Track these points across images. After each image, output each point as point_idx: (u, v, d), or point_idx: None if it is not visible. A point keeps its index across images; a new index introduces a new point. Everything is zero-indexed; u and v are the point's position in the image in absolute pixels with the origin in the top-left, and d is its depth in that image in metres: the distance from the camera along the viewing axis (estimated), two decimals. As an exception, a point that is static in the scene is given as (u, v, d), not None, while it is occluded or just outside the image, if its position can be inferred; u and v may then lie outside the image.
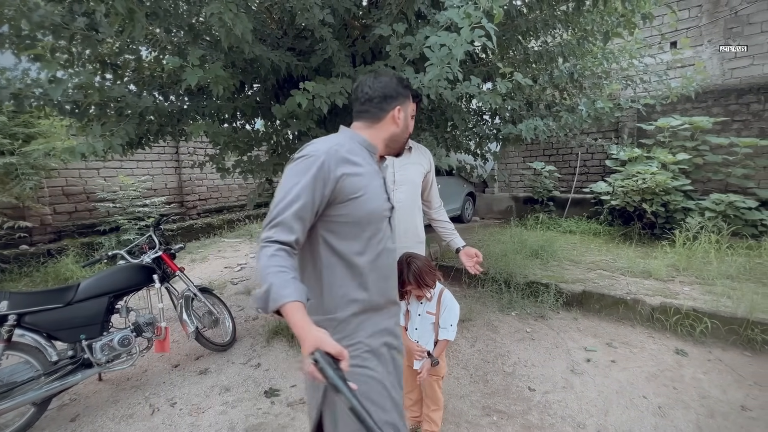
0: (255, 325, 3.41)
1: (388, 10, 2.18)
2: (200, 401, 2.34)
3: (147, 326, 2.50)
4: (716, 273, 3.59)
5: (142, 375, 2.68)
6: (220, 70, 1.83)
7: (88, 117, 2.36)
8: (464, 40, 1.58)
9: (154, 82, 2.71)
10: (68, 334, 2.21)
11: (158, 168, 6.92)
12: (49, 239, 5.29)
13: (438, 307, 1.78)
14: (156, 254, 2.68)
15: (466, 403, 2.22)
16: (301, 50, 2.71)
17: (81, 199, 5.76)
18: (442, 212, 2.06)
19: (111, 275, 2.43)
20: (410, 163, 1.88)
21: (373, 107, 1.17)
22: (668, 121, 5.43)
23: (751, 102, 5.32)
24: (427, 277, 1.68)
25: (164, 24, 1.87)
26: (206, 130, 2.36)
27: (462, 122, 2.69)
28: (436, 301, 1.78)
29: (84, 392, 2.48)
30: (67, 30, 1.71)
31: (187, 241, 6.72)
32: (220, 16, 1.53)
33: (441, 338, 1.78)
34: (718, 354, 2.65)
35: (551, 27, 2.46)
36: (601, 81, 3.27)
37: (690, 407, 2.12)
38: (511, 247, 4.64)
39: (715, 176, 5.23)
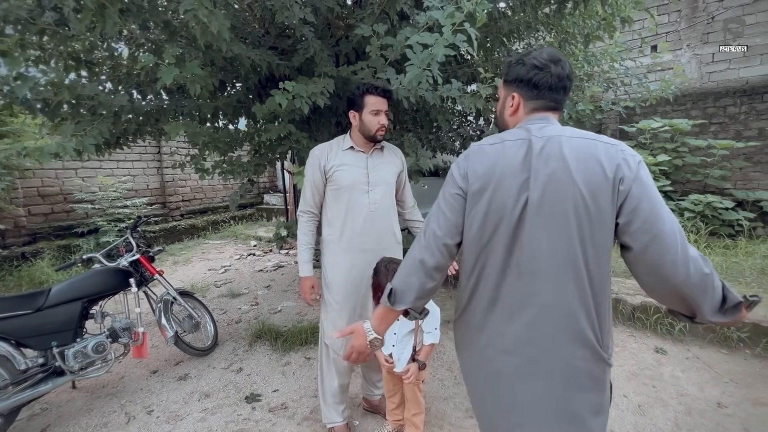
0: (238, 329, 3.35)
1: (370, 9, 2.16)
2: (178, 408, 2.28)
3: (123, 331, 2.42)
4: (694, 272, 3.66)
5: (119, 382, 2.60)
6: (197, 69, 1.78)
7: (61, 116, 2.28)
8: (445, 41, 1.57)
9: (131, 80, 2.63)
10: (38, 341, 2.12)
11: (140, 168, 6.76)
12: (23, 242, 5.11)
13: None
14: (133, 257, 2.60)
15: (449, 405, 2.22)
16: (283, 49, 2.66)
17: (58, 200, 5.58)
18: (416, 212, 2.04)
19: (85, 279, 2.35)
20: (383, 163, 1.85)
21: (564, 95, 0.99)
22: (649, 123, 5.55)
23: (728, 105, 5.47)
24: None
25: (138, 20, 1.82)
26: (185, 130, 2.31)
27: (446, 123, 2.69)
28: None
29: (56, 401, 2.39)
30: (34, 25, 1.64)
31: (170, 242, 6.58)
32: (195, 12, 1.48)
33: (427, 342, 1.75)
34: (696, 352, 2.71)
35: (534, 29, 2.48)
36: (582, 83, 3.31)
37: (669, 405, 2.15)
38: (497, 247, 4.67)
39: (693, 177, 5.36)
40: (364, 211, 1.78)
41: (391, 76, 1.99)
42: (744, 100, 5.37)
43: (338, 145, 1.82)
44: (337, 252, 1.82)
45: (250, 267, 5.29)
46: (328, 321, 1.87)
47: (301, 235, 1.83)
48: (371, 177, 1.79)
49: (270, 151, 2.72)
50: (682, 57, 5.90)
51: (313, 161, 1.81)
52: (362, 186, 1.78)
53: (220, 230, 7.45)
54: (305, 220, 1.84)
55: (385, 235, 1.85)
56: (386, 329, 1.10)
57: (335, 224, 1.81)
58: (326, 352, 1.92)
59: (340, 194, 1.78)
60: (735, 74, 5.55)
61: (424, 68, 1.68)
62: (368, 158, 1.81)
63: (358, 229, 1.79)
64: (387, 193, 1.84)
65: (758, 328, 2.68)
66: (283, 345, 2.93)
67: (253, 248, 6.27)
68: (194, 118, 2.74)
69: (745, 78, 5.48)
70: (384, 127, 1.74)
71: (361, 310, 1.86)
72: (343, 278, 1.82)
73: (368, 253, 1.80)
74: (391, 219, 1.87)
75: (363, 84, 1.73)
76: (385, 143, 1.91)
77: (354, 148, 1.80)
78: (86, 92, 1.91)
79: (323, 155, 1.80)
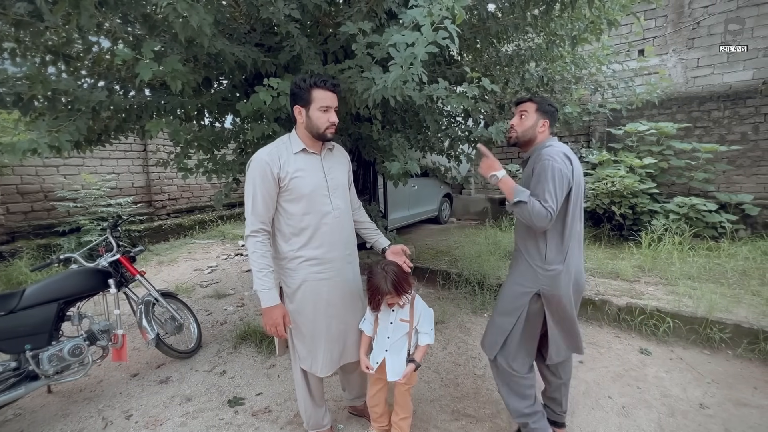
0: (222, 330, 3.29)
1: (358, 7, 2.13)
2: (158, 412, 2.22)
3: (102, 334, 2.36)
4: (678, 273, 3.72)
5: (97, 386, 2.53)
6: (177, 65, 1.73)
7: (37, 111, 2.20)
8: (426, 41, 1.54)
9: (113, 75, 2.56)
10: (11, 344, 2.05)
11: (124, 166, 6.62)
12: (1, 241, 4.95)
13: (411, 313, 1.72)
14: (113, 257, 2.53)
15: (435, 407, 2.20)
16: (269, 46, 2.62)
17: (38, 198, 5.43)
18: (362, 213, 1.93)
19: (61, 280, 2.27)
20: (336, 164, 1.74)
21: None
22: (636, 126, 5.62)
23: (712, 109, 5.58)
24: (404, 282, 1.64)
25: (116, 13, 1.76)
26: (165, 127, 2.25)
27: (434, 123, 2.67)
28: (409, 307, 1.72)
29: (30, 406, 2.31)
30: (5, 15, 1.57)
31: (156, 242, 6.45)
32: (174, 6, 1.44)
33: (423, 343, 1.73)
34: (680, 353, 2.74)
35: (522, 31, 2.47)
36: (570, 86, 3.33)
37: (652, 406, 2.17)
38: (486, 248, 4.68)
39: (678, 180, 5.44)
40: (329, 218, 1.65)
41: (377, 75, 1.96)
42: (727, 105, 5.48)
43: (286, 148, 1.61)
44: (305, 267, 1.65)
45: (237, 267, 5.22)
46: (303, 344, 1.73)
47: (258, 257, 1.54)
48: (329, 180, 1.66)
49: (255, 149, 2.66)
50: (668, 61, 5.99)
51: (262, 169, 1.55)
52: (323, 191, 1.64)
53: (207, 230, 7.34)
54: (260, 240, 1.57)
55: (350, 240, 1.76)
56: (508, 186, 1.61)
57: (297, 238, 1.63)
58: (302, 375, 1.80)
59: (298, 204, 1.60)
60: (719, 79, 5.65)
61: (407, 67, 1.65)
62: (323, 160, 1.67)
63: (326, 238, 1.65)
64: (345, 195, 1.74)
65: (739, 329, 2.72)
66: (269, 347, 2.88)
67: (241, 248, 6.19)
68: (177, 116, 2.68)
69: (728, 83, 5.59)
70: (334, 126, 1.60)
71: (339, 322, 1.74)
72: (315, 294, 1.67)
73: (336, 261, 1.70)
74: (350, 222, 1.78)
75: (309, 76, 1.55)
76: (335, 143, 1.79)
77: (307, 150, 1.63)
78: (61, 87, 1.84)
79: (274, 161, 1.56)
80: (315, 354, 1.73)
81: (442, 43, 1.52)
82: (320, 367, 1.73)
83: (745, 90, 5.38)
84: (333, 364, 1.76)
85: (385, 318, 1.73)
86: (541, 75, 2.77)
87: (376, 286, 1.63)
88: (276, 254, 1.70)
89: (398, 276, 1.62)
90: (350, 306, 1.78)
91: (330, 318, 1.72)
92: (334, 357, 1.76)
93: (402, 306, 1.71)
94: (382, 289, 1.61)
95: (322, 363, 1.73)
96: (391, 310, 1.72)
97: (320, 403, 1.89)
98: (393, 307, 1.70)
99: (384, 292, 1.61)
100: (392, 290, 1.60)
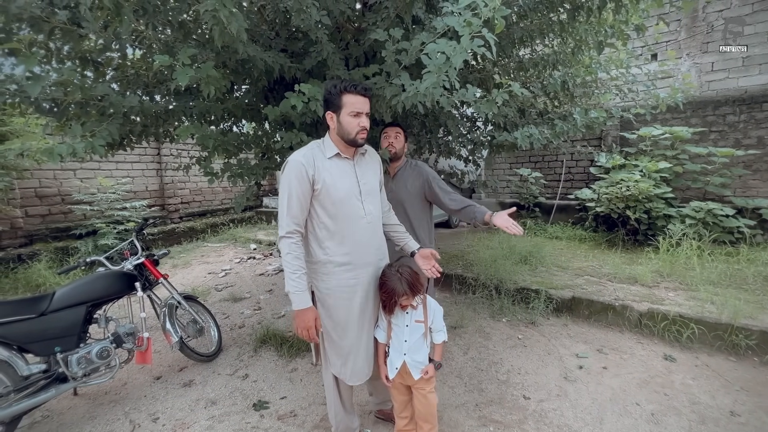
0: (242, 334, 3.30)
1: (385, 13, 2.15)
2: (185, 416, 2.23)
3: (128, 337, 2.37)
4: (699, 279, 3.68)
5: (122, 388, 2.54)
6: (212, 70, 1.76)
7: (67, 116, 2.24)
8: (463, 49, 1.55)
9: (139, 81, 2.60)
10: (42, 346, 2.07)
11: (139, 170, 6.69)
12: (19, 243, 5.02)
13: (425, 312, 1.72)
14: (138, 260, 2.55)
15: (461, 413, 2.19)
16: (293, 52, 2.65)
17: (56, 202, 5.50)
18: (391, 215, 1.91)
19: (89, 283, 2.30)
20: (369, 169, 1.74)
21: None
22: (650, 131, 5.59)
23: (727, 114, 5.54)
24: (418, 283, 1.64)
25: (152, 20, 1.79)
26: (194, 132, 2.27)
27: (456, 128, 2.68)
28: (423, 307, 1.73)
29: (58, 408, 2.33)
30: (48, 23, 1.60)
31: (169, 245, 6.50)
32: (215, 13, 1.46)
33: (439, 341, 1.73)
34: (705, 359, 2.70)
35: (546, 35, 2.48)
36: (591, 90, 3.33)
37: (682, 414, 2.14)
38: (500, 252, 4.66)
39: (694, 184, 5.40)
40: (361, 223, 1.65)
41: (406, 81, 1.97)
42: (743, 109, 5.44)
43: (321, 152, 1.64)
44: (338, 273, 1.64)
45: (250, 271, 5.24)
46: (333, 349, 1.72)
47: (292, 259, 1.54)
48: (362, 185, 1.66)
49: (278, 154, 2.69)
50: (682, 66, 5.97)
51: (298, 170, 1.55)
52: (356, 197, 1.64)
53: (219, 233, 7.38)
54: (295, 241, 1.57)
55: (381, 245, 1.76)
56: None
57: (331, 242, 1.63)
58: (333, 380, 1.79)
59: (333, 208, 1.60)
60: (734, 83, 5.62)
61: (442, 75, 1.65)
62: (355, 165, 1.68)
63: (358, 243, 1.65)
64: (377, 200, 1.74)
65: (766, 336, 2.69)
66: (289, 351, 2.89)
67: (253, 251, 6.21)
68: (202, 121, 2.71)
69: (743, 87, 5.55)
70: (365, 130, 1.60)
71: (370, 329, 1.74)
72: (348, 300, 1.66)
73: (371, 267, 1.70)
74: (381, 228, 1.79)
75: (340, 81, 1.57)
76: (367, 146, 1.78)
77: (340, 155, 1.64)
78: (97, 92, 1.87)
79: (309, 163, 1.57)
80: (345, 360, 1.71)
81: (479, 51, 1.53)
82: (349, 375, 1.71)
83: (762, 94, 5.33)
84: (362, 374, 1.72)
85: (399, 322, 1.72)
86: (564, 80, 2.77)
87: (391, 288, 1.62)
88: (309, 258, 1.70)
89: (412, 276, 1.63)
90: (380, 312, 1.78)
91: (362, 325, 1.70)
92: (364, 365, 1.73)
93: (416, 307, 1.70)
94: (398, 290, 1.60)
95: (351, 371, 1.71)
96: (404, 313, 1.70)
97: (350, 409, 1.89)
98: (407, 309, 1.69)
99: (400, 293, 1.61)
100: (408, 290, 1.60)
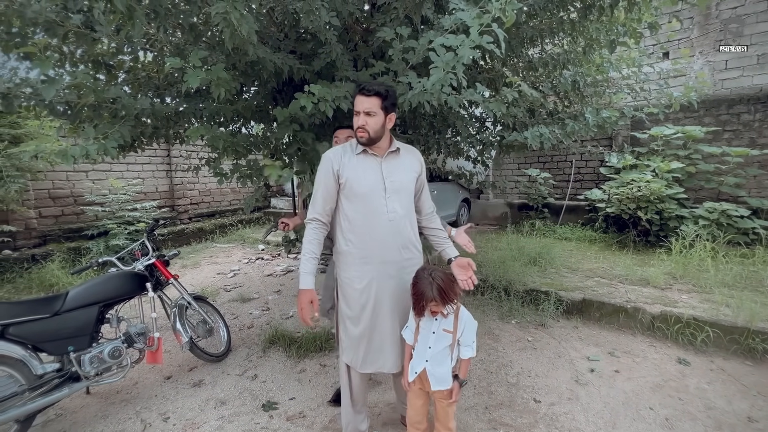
0: (250, 334, 3.31)
1: (395, 14, 2.15)
2: (195, 416, 2.24)
3: (139, 337, 2.39)
4: (714, 281, 3.61)
5: (133, 388, 2.57)
6: (222, 72, 1.77)
7: (80, 118, 2.27)
8: (472, 42, 1.54)
9: (150, 83, 2.63)
10: (55, 346, 2.09)
11: (149, 171, 6.77)
12: (33, 244, 5.11)
13: (456, 324, 1.66)
14: (149, 261, 2.58)
15: (471, 415, 2.17)
16: (302, 53, 2.66)
17: (68, 203, 5.59)
18: (434, 219, 1.90)
19: (102, 283, 2.32)
20: (400, 167, 1.73)
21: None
22: (661, 130, 5.51)
23: (742, 112, 5.43)
24: (451, 291, 1.59)
25: (164, 23, 1.81)
26: (204, 133, 2.29)
27: (465, 129, 2.66)
28: (453, 318, 1.67)
29: (71, 407, 2.36)
30: (62, 27, 1.63)
31: (179, 246, 6.56)
32: (226, 16, 1.47)
33: (465, 357, 1.67)
34: (720, 363, 2.65)
35: (556, 34, 2.45)
36: (602, 89, 3.28)
37: (697, 419, 2.10)
38: (509, 254, 4.63)
39: (707, 185, 5.30)
40: (382, 219, 1.67)
41: (413, 79, 1.97)
42: (758, 107, 5.33)
43: (351, 149, 1.71)
44: (355, 264, 1.70)
45: (259, 271, 5.27)
46: (347, 336, 1.77)
47: (306, 243, 1.67)
48: (387, 183, 1.68)
49: (287, 155, 2.70)
50: (694, 64, 5.87)
51: (325, 165, 1.68)
52: (379, 193, 1.67)
53: (227, 234, 7.44)
54: (313, 227, 1.69)
55: (405, 244, 1.74)
56: None
57: (352, 235, 1.69)
58: (346, 372, 1.83)
59: (355, 202, 1.67)
60: (749, 81, 5.51)
61: (449, 71, 1.65)
62: (382, 162, 1.70)
63: (378, 239, 1.68)
64: (405, 199, 1.73)
65: (784, 340, 2.62)
66: (298, 351, 2.89)
67: (261, 252, 6.25)
68: (211, 122, 2.73)
69: (759, 85, 5.44)
70: (360, 128, 1.61)
71: (382, 323, 1.73)
72: (363, 292, 1.70)
73: (389, 265, 1.70)
74: (410, 227, 1.76)
75: (359, 85, 1.64)
76: (403, 145, 1.79)
77: (367, 152, 1.69)
78: (110, 95, 1.89)
79: (336, 159, 1.67)
80: (357, 347, 1.74)
81: (487, 47, 1.52)
82: (360, 362, 1.74)
83: (777, 92, 5.22)
84: (376, 363, 1.76)
85: (427, 327, 1.68)
86: (574, 79, 2.74)
87: (421, 291, 1.59)
88: (335, 248, 1.79)
89: (445, 283, 1.59)
90: (398, 310, 1.75)
91: (375, 316, 1.72)
92: (378, 354, 1.75)
93: (446, 316, 1.66)
94: (427, 295, 1.58)
95: (362, 357, 1.74)
96: (434, 319, 1.67)
97: (360, 408, 1.88)
98: (436, 315, 1.66)
99: (429, 299, 1.58)
100: (437, 297, 1.56)
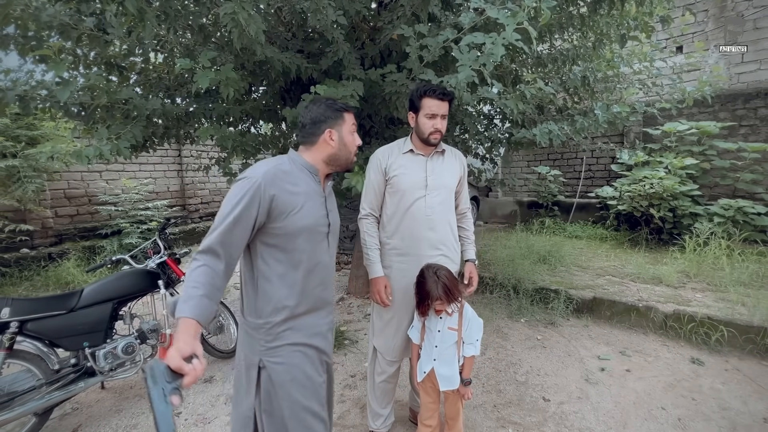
0: (260, 332, 3.35)
1: (401, 12, 2.14)
2: (206, 411, 2.28)
3: (151, 333, 2.44)
4: (729, 279, 3.53)
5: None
6: (231, 72, 1.79)
7: (94, 119, 2.32)
8: (505, 40, 1.53)
9: (161, 84, 2.67)
10: (71, 341, 2.15)
11: (161, 171, 6.88)
12: (50, 242, 5.23)
13: (460, 322, 1.68)
14: (161, 259, 2.62)
15: (479, 414, 2.16)
16: (310, 52, 2.67)
17: (83, 202, 5.71)
18: (465, 218, 1.96)
19: (115, 281, 2.37)
20: (444, 167, 1.80)
21: (306, 133, 1.30)
22: (675, 126, 5.39)
23: (759, 107, 5.29)
24: (455, 289, 1.60)
25: (174, 24, 1.83)
26: (213, 133, 2.32)
27: (473, 126, 2.65)
28: (458, 315, 1.68)
29: (86, 401, 2.41)
30: (75, 30, 1.67)
31: (190, 244, 6.65)
32: (234, 16, 1.49)
33: (468, 354, 1.67)
34: (735, 363, 2.59)
35: (565, 29, 2.42)
36: (613, 84, 3.23)
37: (711, 419, 2.06)
38: (518, 252, 4.59)
39: (722, 181, 5.18)
40: (420, 215, 1.74)
41: (432, 77, 1.96)
42: (776, 102, 5.19)
43: (399, 148, 1.80)
44: (393, 256, 1.80)
45: (268, 269, 5.31)
46: (380, 320, 1.87)
47: (367, 236, 1.80)
48: (430, 181, 1.75)
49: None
50: (709, 57, 5.74)
51: (374, 163, 1.80)
52: (419, 190, 1.74)
53: (237, 232, 7.52)
54: (369, 222, 1.82)
55: (444, 241, 1.79)
56: None
57: (391, 228, 1.79)
58: (372, 357, 1.92)
59: (397, 198, 1.76)
60: (766, 75, 5.37)
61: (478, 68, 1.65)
62: (427, 161, 1.77)
63: (415, 234, 1.75)
64: (446, 198, 1.79)
65: (802, 340, 2.56)
66: (307, 349, 2.91)
67: (271, 251, 6.30)
68: (221, 122, 2.76)
69: (776, 79, 5.29)
70: (438, 132, 1.70)
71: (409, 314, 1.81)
72: (395, 281, 1.79)
73: (425, 259, 1.74)
74: (449, 227, 1.82)
75: (423, 85, 1.68)
76: (447, 146, 1.86)
77: (414, 151, 1.77)
78: (123, 96, 1.93)
79: (384, 157, 1.78)
80: (386, 334, 1.84)
81: (517, 45, 1.52)
82: (387, 350, 1.85)
83: (796, 86, 5.08)
84: (397, 352, 1.85)
85: (432, 326, 1.69)
86: (584, 75, 2.70)
87: (426, 290, 1.60)
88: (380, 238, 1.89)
89: (450, 281, 1.59)
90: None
91: (403, 308, 1.80)
92: (400, 345, 1.84)
93: (450, 314, 1.66)
94: (433, 293, 1.58)
95: (384, 344, 1.85)
96: (438, 318, 1.67)
97: (381, 396, 1.93)
98: (441, 314, 1.66)
99: (434, 297, 1.58)
100: (443, 295, 1.57)
